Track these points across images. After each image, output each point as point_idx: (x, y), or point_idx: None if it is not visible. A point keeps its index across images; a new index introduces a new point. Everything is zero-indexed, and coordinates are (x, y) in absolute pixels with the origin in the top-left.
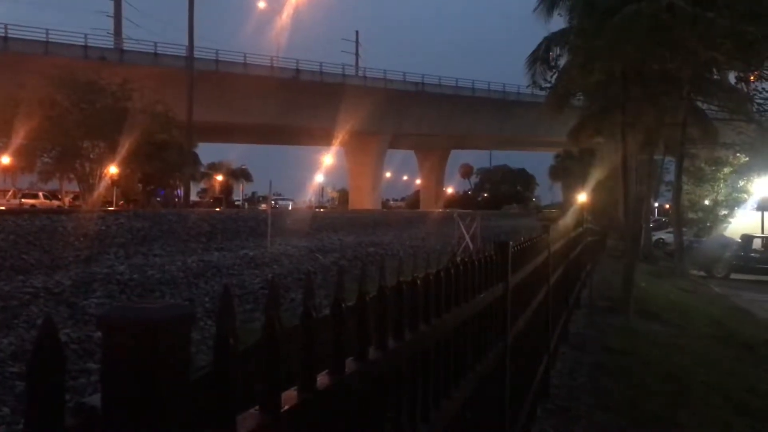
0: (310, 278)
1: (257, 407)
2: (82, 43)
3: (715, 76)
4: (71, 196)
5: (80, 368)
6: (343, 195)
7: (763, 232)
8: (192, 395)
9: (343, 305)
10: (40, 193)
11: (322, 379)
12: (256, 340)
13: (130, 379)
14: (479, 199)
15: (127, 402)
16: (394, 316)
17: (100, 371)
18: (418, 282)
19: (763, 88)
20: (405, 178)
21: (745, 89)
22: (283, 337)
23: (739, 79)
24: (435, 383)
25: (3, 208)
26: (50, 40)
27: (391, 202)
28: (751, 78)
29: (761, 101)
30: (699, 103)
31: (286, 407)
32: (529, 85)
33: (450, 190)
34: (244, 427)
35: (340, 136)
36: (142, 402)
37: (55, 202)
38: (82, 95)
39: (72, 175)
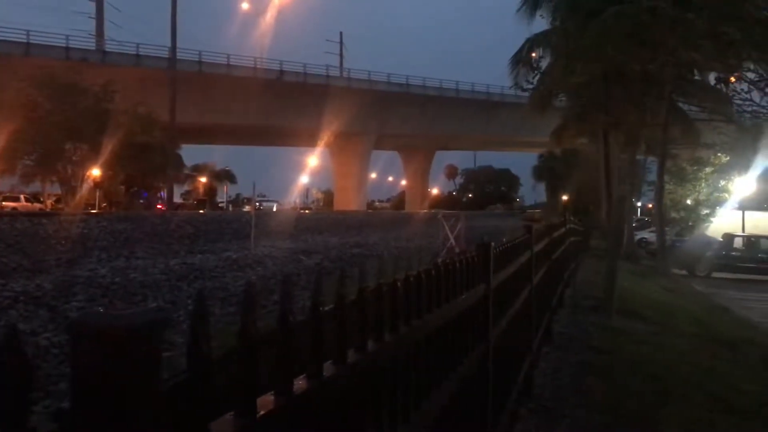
0: (286, 281)
1: (232, 413)
2: (64, 45)
3: (696, 77)
4: (53, 198)
5: (60, 372)
6: (328, 196)
7: (744, 231)
8: (165, 402)
9: (322, 308)
10: (22, 196)
11: (299, 383)
12: (233, 345)
13: (99, 387)
14: (464, 199)
15: (97, 410)
16: (374, 319)
17: (70, 379)
18: (399, 284)
19: (742, 89)
20: (390, 179)
21: (725, 90)
22: (260, 342)
23: (718, 80)
24: (416, 384)
25: None
26: (31, 41)
27: (377, 203)
28: (731, 79)
29: (740, 102)
30: (680, 104)
31: (262, 412)
32: (512, 86)
33: (435, 191)
34: None
35: (324, 137)
36: (112, 410)
37: (37, 205)
38: (64, 97)
39: (54, 178)
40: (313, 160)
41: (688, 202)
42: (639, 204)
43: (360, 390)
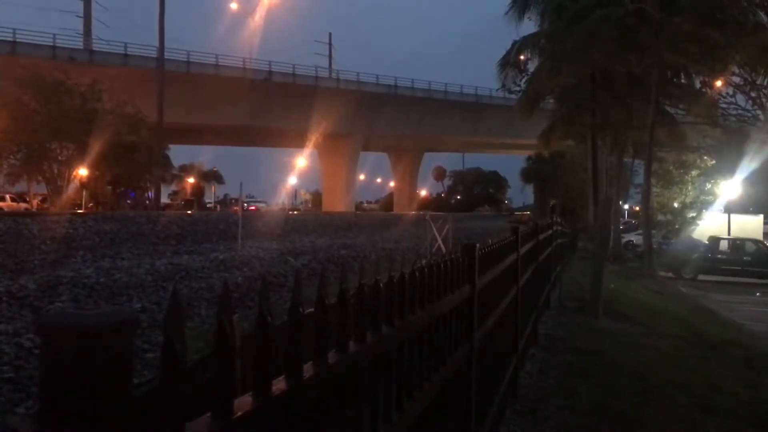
0: (265, 282)
1: (208, 414)
2: (51, 44)
3: (682, 81)
4: (39, 198)
5: None
6: (317, 197)
7: (729, 234)
8: (138, 403)
9: (301, 309)
10: (7, 196)
11: (278, 384)
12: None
13: (67, 388)
14: (452, 201)
15: (65, 411)
16: (356, 320)
17: (39, 380)
18: (381, 285)
19: (728, 93)
20: (379, 180)
21: (710, 93)
22: (238, 342)
23: (703, 83)
24: (398, 386)
25: None
26: (17, 39)
27: (365, 205)
28: (717, 83)
29: (725, 105)
30: (666, 107)
31: (239, 413)
32: (499, 89)
33: (423, 193)
34: None
35: (313, 138)
36: (80, 411)
37: (23, 205)
38: (50, 96)
39: (40, 177)
40: (302, 161)
41: (675, 204)
42: (626, 206)
43: (341, 391)
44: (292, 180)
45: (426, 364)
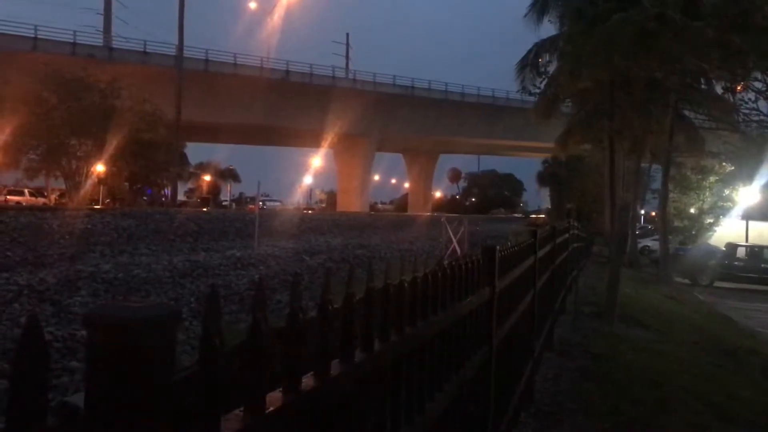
0: (297, 280)
1: (242, 408)
2: (71, 40)
3: (703, 86)
4: (57, 193)
5: (63, 367)
6: (332, 197)
7: (747, 240)
8: (176, 395)
9: (331, 306)
10: (26, 190)
11: (307, 380)
12: (241, 341)
13: (114, 378)
14: (467, 203)
15: (110, 401)
16: (381, 319)
17: (85, 370)
18: (406, 285)
19: (749, 99)
20: (393, 181)
21: (732, 99)
22: (270, 339)
23: (725, 89)
24: (419, 386)
25: None
26: (38, 36)
27: (379, 205)
28: (738, 88)
29: (747, 111)
30: (686, 112)
31: (271, 409)
32: (518, 91)
33: (438, 194)
34: (228, 429)
35: (328, 138)
36: (125, 401)
37: (41, 200)
38: (70, 92)
39: (58, 173)
40: (317, 160)
41: (692, 210)
42: (642, 212)
43: (365, 390)
44: (308, 179)
45: (447, 365)
